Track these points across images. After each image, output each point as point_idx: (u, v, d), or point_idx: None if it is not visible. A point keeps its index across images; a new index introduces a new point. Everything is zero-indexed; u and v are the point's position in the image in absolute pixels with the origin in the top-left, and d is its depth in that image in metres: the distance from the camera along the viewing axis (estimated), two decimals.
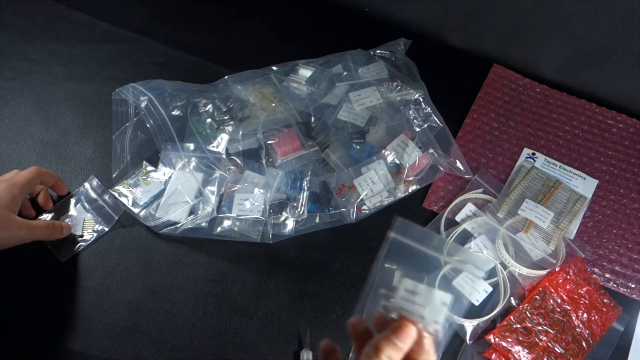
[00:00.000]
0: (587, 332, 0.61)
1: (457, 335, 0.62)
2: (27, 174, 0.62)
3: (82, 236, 0.66)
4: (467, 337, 0.61)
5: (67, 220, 0.67)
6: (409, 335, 0.37)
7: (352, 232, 0.68)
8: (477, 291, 0.63)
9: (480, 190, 0.71)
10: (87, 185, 0.69)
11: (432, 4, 0.80)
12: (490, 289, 0.64)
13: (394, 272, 0.42)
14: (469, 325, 0.62)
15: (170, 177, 0.68)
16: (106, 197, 0.69)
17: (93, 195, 0.69)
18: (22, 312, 0.63)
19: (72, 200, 0.69)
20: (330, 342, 0.44)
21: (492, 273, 0.66)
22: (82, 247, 0.66)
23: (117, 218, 0.68)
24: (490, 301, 0.64)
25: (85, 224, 0.67)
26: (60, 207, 0.68)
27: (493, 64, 0.83)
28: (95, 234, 0.67)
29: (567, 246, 0.67)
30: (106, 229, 0.67)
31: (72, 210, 0.68)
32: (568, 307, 0.62)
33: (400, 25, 0.85)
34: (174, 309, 0.64)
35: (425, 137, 0.72)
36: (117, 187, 0.68)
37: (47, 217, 0.67)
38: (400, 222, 0.41)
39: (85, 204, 0.68)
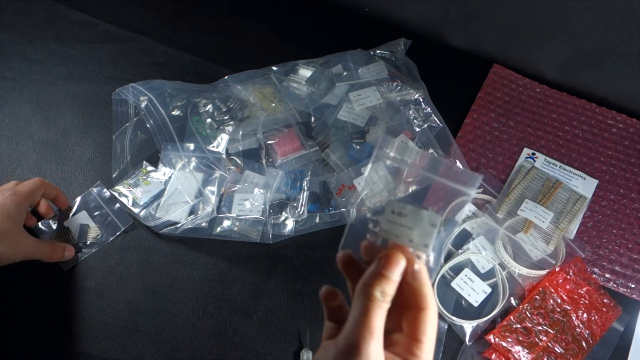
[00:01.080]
0: (587, 332, 0.61)
1: (457, 336, 0.62)
2: (31, 185, 0.62)
3: (85, 244, 0.66)
4: (467, 338, 0.61)
5: (69, 224, 0.67)
6: (399, 264, 0.35)
7: None
8: (476, 292, 0.63)
9: (480, 190, 0.71)
10: (94, 191, 0.69)
11: (432, 4, 0.80)
12: (489, 290, 0.64)
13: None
14: (469, 326, 0.62)
15: (170, 177, 0.68)
16: (115, 206, 0.68)
17: (99, 202, 0.68)
18: (22, 312, 0.63)
19: (76, 204, 0.68)
20: (330, 287, 0.43)
21: (490, 274, 0.66)
22: (84, 257, 0.66)
23: (123, 228, 0.67)
24: (489, 302, 0.64)
25: (89, 233, 0.66)
26: (64, 212, 0.68)
27: (493, 64, 0.83)
28: (97, 244, 0.67)
29: (567, 246, 0.67)
30: (110, 239, 0.67)
31: (76, 217, 0.67)
32: (568, 307, 0.62)
33: (400, 25, 0.85)
34: (174, 309, 0.64)
35: (425, 137, 0.72)
36: (117, 187, 0.68)
37: (50, 223, 0.67)
38: (384, 138, 0.40)
39: (91, 210, 0.68)
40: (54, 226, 0.66)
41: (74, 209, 0.68)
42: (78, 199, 0.68)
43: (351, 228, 0.39)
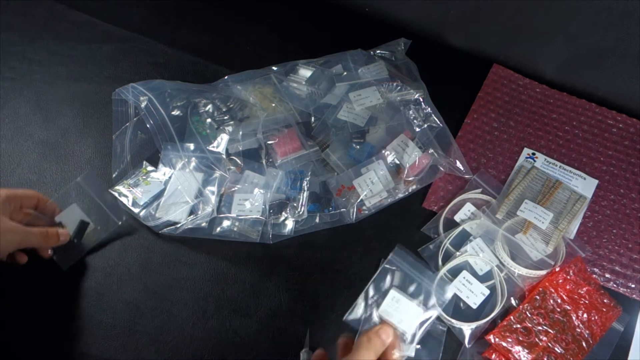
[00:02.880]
0: (587, 332, 0.61)
1: (456, 336, 0.62)
2: (19, 189, 0.60)
3: (81, 240, 0.65)
4: (466, 341, 0.61)
5: (62, 218, 0.64)
6: (389, 333, 0.48)
7: (352, 232, 0.68)
8: (475, 294, 0.63)
9: (479, 190, 0.71)
10: (80, 181, 0.66)
11: (432, 4, 0.80)
12: (487, 292, 0.64)
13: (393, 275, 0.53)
14: (467, 328, 0.62)
15: (170, 177, 0.68)
16: (107, 198, 0.67)
17: (91, 194, 0.66)
18: (22, 312, 0.63)
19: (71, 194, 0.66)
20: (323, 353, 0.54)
21: (489, 276, 0.65)
22: (83, 253, 0.65)
23: (119, 223, 0.67)
24: (488, 303, 0.64)
25: (87, 232, 0.65)
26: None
27: (493, 64, 0.83)
28: (95, 240, 0.66)
29: (567, 246, 0.67)
30: (104, 235, 0.66)
31: (68, 210, 0.65)
32: (568, 307, 0.62)
33: (400, 25, 0.85)
34: (174, 309, 0.64)
35: (425, 137, 0.72)
36: (117, 187, 0.68)
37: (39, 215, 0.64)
38: (398, 249, 0.53)
39: (83, 204, 0.66)
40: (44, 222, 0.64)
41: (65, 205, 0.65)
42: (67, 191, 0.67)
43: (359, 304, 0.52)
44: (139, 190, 0.68)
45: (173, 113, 0.69)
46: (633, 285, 0.66)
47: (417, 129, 0.72)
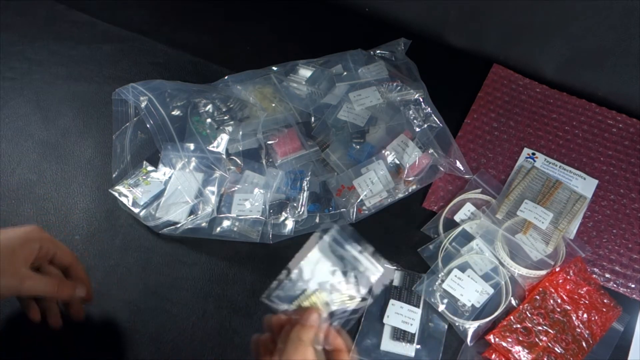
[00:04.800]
0: (587, 332, 0.61)
1: (457, 336, 0.62)
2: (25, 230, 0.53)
3: None
4: (468, 339, 0.61)
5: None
6: (314, 315, 0.46)
7: None
8: (479, 293, 0.63)
9: (479, 190, 0.71)
10: None
11: (432, 4, 0.80)
12: (491, 291, 0.64)
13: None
14: (470, 327, 0.62)
15: (170, 177, 0.68)
16: None
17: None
18: (22, 312, 0.63)
19: None
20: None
21: (490, 275, 0.65)
22: None
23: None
24: (490, 302, 0.64)
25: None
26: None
27: (493, 64, 0.83)
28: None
29: (567, 246, 0.67)
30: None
31: None
32: (568, 307, 0.62)
33: (400, 25, 0.85)
34: (174, 309, 0.64)
35: (425, 137, 0.72)
36: (117, 187, 0.68)
37: None
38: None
39: None
40: None
41: None
42: None
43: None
44: (139, 190, 0.68)
45: (173, 113, 0.69)
46: (633, 285, 0.66)
47: (417, 129, 0.72)
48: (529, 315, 0.62)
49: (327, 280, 0.48)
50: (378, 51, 0.80)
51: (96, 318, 0.62)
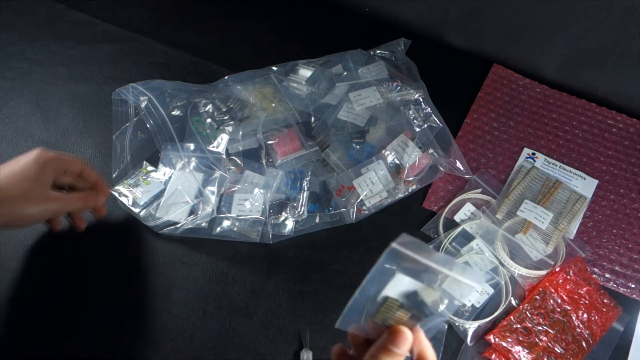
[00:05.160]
0: (587, 332, 0.61)
1: (457, 336, 0.62)
2: (59, 153, 0.59)
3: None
4: (468, 339, 0.61)
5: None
6: (405, 339, 0.38)
7: (352, 232, 0.68)
8: (479, 293, 0.63)
9: (479, 190, 0.71)
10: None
11: (432, 4, 0.80)
12: (491, 291, 0.64)
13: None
14: (470, 326, 0.62)
15: (170, 177, 0.68)
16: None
17: None
18: (22, 312, 0.63)
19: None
20: (341, 347, 0.43)
21: (492, 275, 0.65)
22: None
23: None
24: (490, 302, 0.64)
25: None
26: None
27: (493, 64, 0.83)
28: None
29: (567, 246, 0.67)
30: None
31: None
32: (568, 307, 0.62)
33: (400, 25, 0.85)
34: (174, 309, 0.64)
35: (425, 137, 0.72)
36: (117, 187, 0.68)
37: None
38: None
39: None
40: None
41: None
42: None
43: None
44: (139, 190, 0.68)
45: (173, 113, 0.69)
46: (633, 285, 0.66)
47: (417, 129, 0.72)
48: (529, 315, 0.62)
49: (410, 291, 0.42)
50: (378, 51, 0.80)
51: (96, 318, 0.62)
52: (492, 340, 0.60)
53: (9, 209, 0.53)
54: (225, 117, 0.71)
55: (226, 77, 0.76)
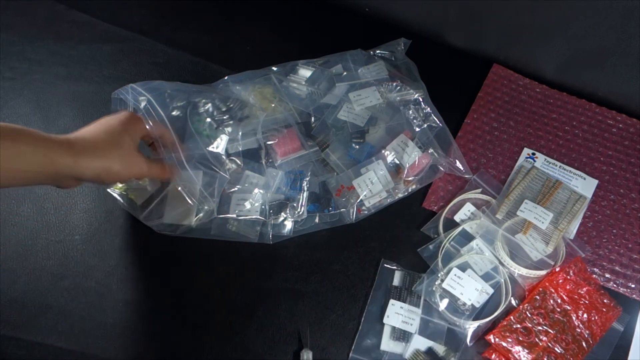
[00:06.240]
0: (587, 332, 0.61)
1: (457, 336, 0.62)
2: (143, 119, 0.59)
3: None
4: (468, 339, 0.61)
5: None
6: None
7: (352, 232, 0.68)
8: (478, 292, 0.63)
9: (479, 190, 0.71)
10: None
11: (432, 4, 0.80)
12: (491, 291, 0.64)
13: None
14: (470, 326, 0.62)
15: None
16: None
17: None
18: (22, 313, 0.63)
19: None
20: None
21: (490, 274, 0.65)
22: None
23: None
24: (490, 302, 0.64)
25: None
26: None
27: (493, 64, 0.83)
28: None
29: (567, 246, 0.67)
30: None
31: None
32: (568, 307, 0.62)
33: (400, 25, 0.85)
34: (174, 309, 0.64)
35: (425, 137, 0.72)
36: (116, 187, 0.68)
37: None
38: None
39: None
40: None
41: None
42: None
43: None
44: (136, 188, 0.67)
45: (173, 114, 0.68)
46: (633, 285, 0.66)
47: (417, 129, 0.72)
48: (529, 315, 0.62)
49: None
50: (378, 51, 0.80)
51: (96, 318, 0.63)
52: (492, 340, 0.60)
53: (98, 166, 0.52)
54: (225, 117, 0.71)
55: (226, 78, 0.76)
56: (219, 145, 0.68)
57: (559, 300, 0.63)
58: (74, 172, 0.51)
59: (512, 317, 0.62)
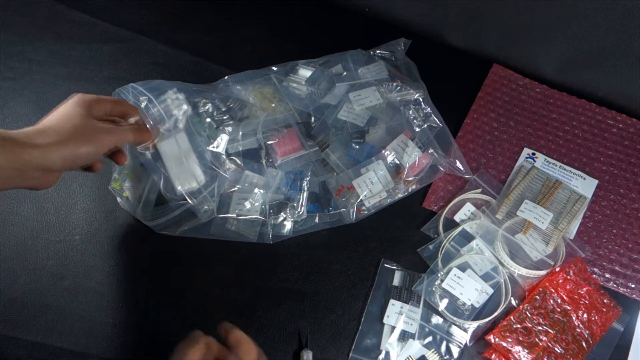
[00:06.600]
0: (587, 332, 0.61)
1: (454, 342, 0.62)
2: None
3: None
4: (468, 339, 0.61)
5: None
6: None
7: (352, 232, 0.68)
8: (478, 292, 0.63)
9: (479, 190, 0.71)
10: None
11: (432, 4, 0.80)
12: (491, 291, 0.64)
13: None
14: (470, 326, 0.62)
15: (151, 156, 0.64)
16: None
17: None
18: (22, 312, 0.63)
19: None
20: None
21: (490, 274, 0.65)
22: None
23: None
24: (490, 302, 0.64)
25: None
26: None
27: (493, 64, 0.83)
28: None
29: (567, 246, 0.67)
30: None
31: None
32: (568, 307, 0.62)
33: (400, 25, 0.85)
34: (174, 309, 0.64)
35: (425, 137, 0.72)
36: (111, 186, 0.68)
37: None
38: None
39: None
40: None
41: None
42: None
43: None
44: (128, 184, 0.67)
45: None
46: (633, 285, 0.66)
47: (417, 129, 0.72)
48: (529, 315, 0.62)
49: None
50: (378, 51, 0.80)
51: (96, 318, 0.63)
52: (492, 340, 0.60)
53: (64, 150, 0.51)
54: (225, 117, 0.71)
55: (226, 77, 0.76)
56: (219, 145, 0.68)
57: (559, 300, 0.63)
58: (44, 162, 0.49)
59: (512, 317, 0.62)
